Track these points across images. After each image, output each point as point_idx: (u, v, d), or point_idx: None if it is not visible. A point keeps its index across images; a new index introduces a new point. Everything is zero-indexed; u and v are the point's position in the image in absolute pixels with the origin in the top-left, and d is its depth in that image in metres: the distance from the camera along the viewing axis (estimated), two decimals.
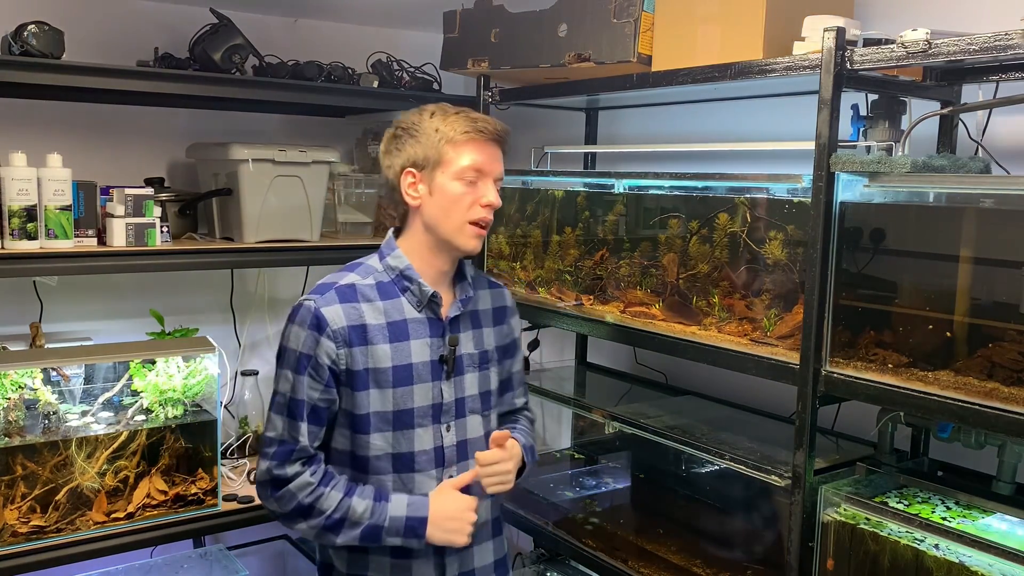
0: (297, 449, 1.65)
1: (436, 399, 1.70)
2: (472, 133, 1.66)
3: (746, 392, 2.40)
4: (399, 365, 1.67)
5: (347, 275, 1.71)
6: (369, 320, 1.66)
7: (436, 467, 1.70)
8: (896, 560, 1.63)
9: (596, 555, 2.29)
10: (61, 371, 2.20)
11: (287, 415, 1.66)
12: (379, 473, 1.68)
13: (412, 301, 1.70)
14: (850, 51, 1.65)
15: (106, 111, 2.64)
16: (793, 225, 1.85)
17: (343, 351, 1.63)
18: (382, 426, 1.66)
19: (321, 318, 1.63)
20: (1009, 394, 1.47)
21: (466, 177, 1.66)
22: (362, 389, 1.65)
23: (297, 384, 1.64)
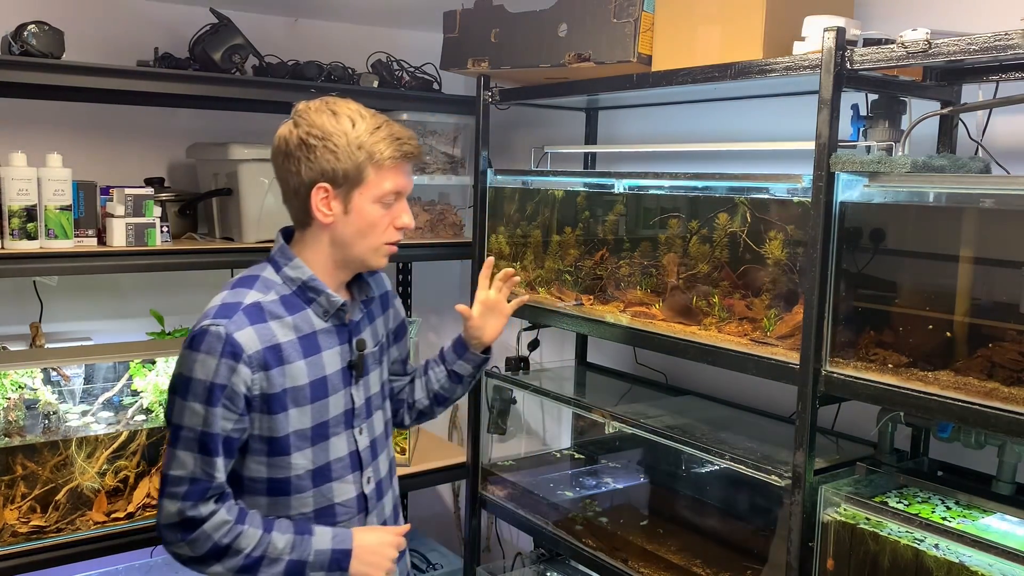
0: (213, 487, 1.53)
1: (348, 405, 1.66)
2: (399, 159, 1.58)
3: (746, 392, 2.40)
4: (315, 380, 1.60)
5: (247, 292, 1.58)
6: (281, 338, 1.56)
7: (353, 471, 1.66)
8: (896, 560, 1.63)
9: (596, 555, 2.29)
10: (61, 371, 2.21)
11: (199, 451, 1.51)
12: (300, 492, 1.61)
13: (318, 311, 1.62)
14: (850, 51, 1.65)
15: (106, 111, 2.64)
16: (793, 225, 1.85)
17: (259, 375, 1.52)
18: (301, 444, 1.59)
19: (235, 344, 1.50)
20: (1009, 394, 1.47)
21: (384, 200, 1.59)
22: (280, 411, 1.56)
23: (209, 417, 1.50)
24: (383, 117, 1.61)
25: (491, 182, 2.68)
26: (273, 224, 2.54)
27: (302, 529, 1.59)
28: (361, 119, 1.58)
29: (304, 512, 1.62)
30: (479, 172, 2.67)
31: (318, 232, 1.60)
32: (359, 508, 1.67)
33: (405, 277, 3.30)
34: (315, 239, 1.61)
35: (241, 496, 1.61)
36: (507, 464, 2.85)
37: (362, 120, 1.57)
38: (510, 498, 2.66)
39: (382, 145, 1.56)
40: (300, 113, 1.59)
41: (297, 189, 1.58)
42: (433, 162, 2.90)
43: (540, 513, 2.53)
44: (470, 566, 2.85)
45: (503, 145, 3.12)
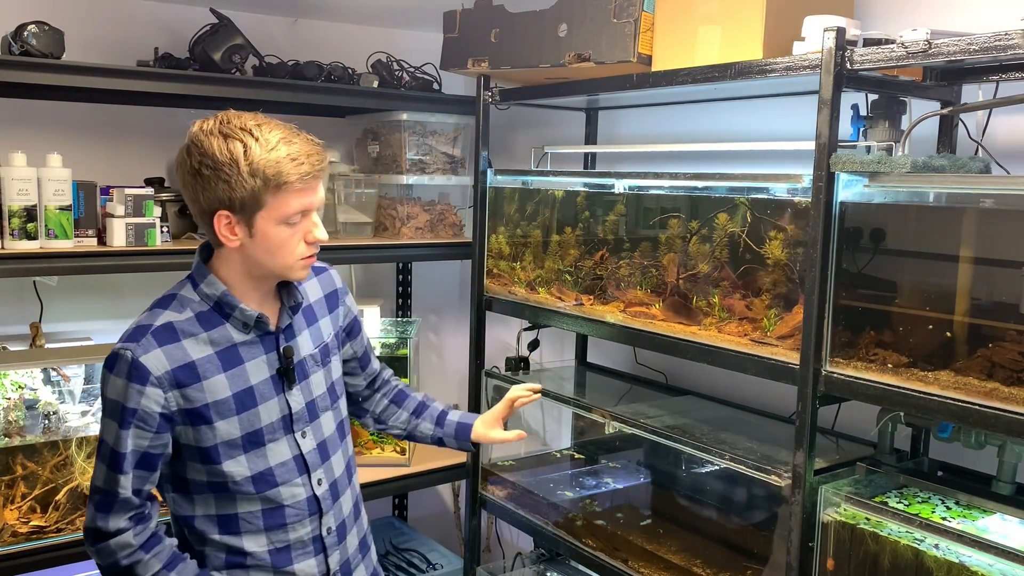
0: (118, 501, 1.53)
1: (284, 411, 1.62)
2: (293, 180, 1.49)
3: (746, 392, 2.40)
4: (239, 391, 1.57)
5: (161, 313, 1.57)
6: (196, 355, 1.54)
7: (300, 475, 1.64)
8: (896, 560, 1.63)
9: (596, 555, 2.29)
10: (61, 371, 2.20)
11: (108, 466, 1.53)
12: (243, 495, 1.59)
13: (237, 325, 1.59)
14: (850, 51, 1.65)
15: (106, 111, 2.64)
16: (793, 225, 1.85)
17: (172, 393, 1.52)
18: (232, 452, 1.57)
19: (141, 368, 1.50)
20: (1009, 394, 1.47)
21: (292, 221, 1.53)
22: (204, 423, 1.55)
23: (120, 436, 1.51)
24: (283, 131, 1.54)
25: (491, 182, 2.68)
26: None
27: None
28: (255, 141, 1.51)
29: (252, 511, 1.61)
30: (479, 172, 2.67)
31: (230, 251, 1.56)
32: (311, 510, 1.65)
33: (405, 277, 3.30)
34: (228, 257, 1.58)
35: (189, 495, 1.62)
36: (507, 464, 2.85)
37: (255, 142, 1.50)
38: (510, 498, 2.66)
39: (277, 168, 1.49)
40: (192, 138, 1.55)
41: (200, 214, 1.55)
42: (433, 162, 2.90)
43: (540, 513, 2.53)
44: (470, 566, 2.85)
45: (503, 145, 3.12)
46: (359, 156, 3.03)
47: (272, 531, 1.62)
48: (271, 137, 1.52)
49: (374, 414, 1.95)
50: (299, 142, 1.53)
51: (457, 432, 1.92)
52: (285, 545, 1.63)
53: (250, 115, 1.56)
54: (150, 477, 1.57)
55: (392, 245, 2.81)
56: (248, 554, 1.62)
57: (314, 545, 1.66)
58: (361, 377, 1.91)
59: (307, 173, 1.50)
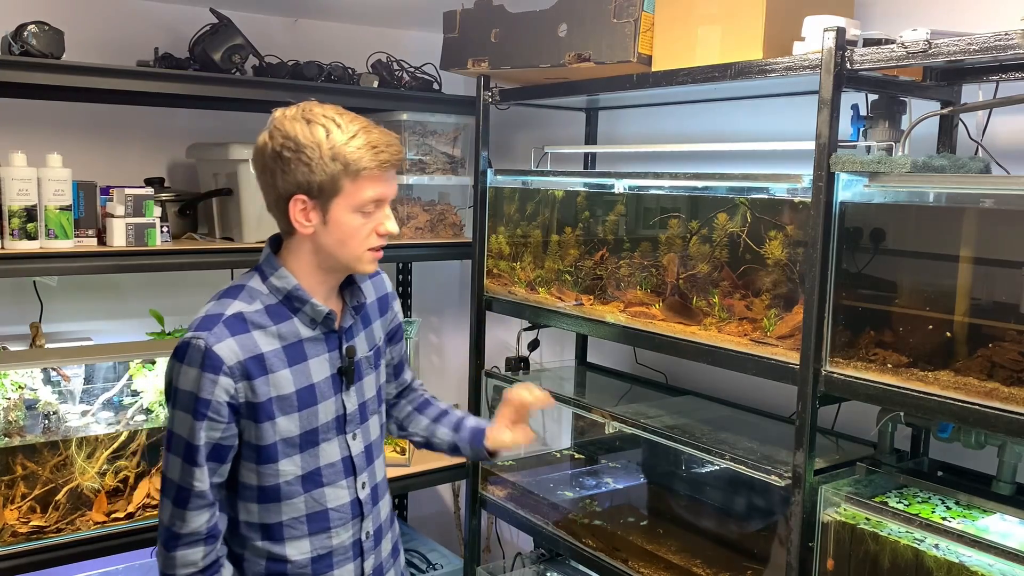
0: (194, 495, 1.53)
1: (339, 411, 1.64)
2: (375, 168, 1.52)
3: (746, 392, 2.40)
4: (302, 388, 1.58)
5: (231, 303, 1.57)
6: (265, 348, 1.55)
7: (347, 477, 1.65)
8: (896, 560, 1.63)
9: (596, 555, 2.29)
10: (61, 371, 2.21)
11: (184, 459, 1.53)
12: (290, 498, 1.60)
13: (305, 320, 1.60)
14: (850, 51, 1.65)
15: (106, 111, 2.64)
16: (793, 225, 1.85)
17: (242, 385, 1.52)
18: (289, 451, 1.58)
19: (214, 357, 1.49)
20: (1009, 394, 1.47)
21: (364, 209, 1.55)
22: (266, 420, 1.55)
23: (195, 428, 1.51)
24: (363, 122, 1.56)
25: (491, 182, 2.68)
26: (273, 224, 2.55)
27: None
28: (336, 127, 1.53)
29: (296, 516, 1.61)
30: (479, 172, 2.67)
31: (301, 241, 1.58)
32: (353, 514, 1.66)
33: (405, 277, 3.30)
34: (299, 247, 1.59)
35: (237, 499, 1.62)
36: (507, 464, 2.85)
37: (337, 129, 1.53)
38: (510, 498, 2.66)
39: (358, 155, 1.51)
40: (275, 122, 1.58)
41: (276, 200, 1.57)
42: (433, 162, 2.90)
43: (540, 513, 2.53)
44: (470, 566, 2.85)
45: (503, 145, 3.12)
46: None
47: (315, 536, 1.62)
48: (352, 126, 1.54)
49: (397, 419, 1.94)
50: (377, 132, 1.55)
51: (472, 436, 1.86)
52: (327, 552, 1.63)
53: (330, 106, 1.58)
54: (219, 469, 1.56)
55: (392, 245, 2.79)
56: (290, 561, 1.61)
57: (353, 550, 1.67)
58: (393, 385, 1.91)
59: (385, 162, 1.53)
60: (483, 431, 1.86)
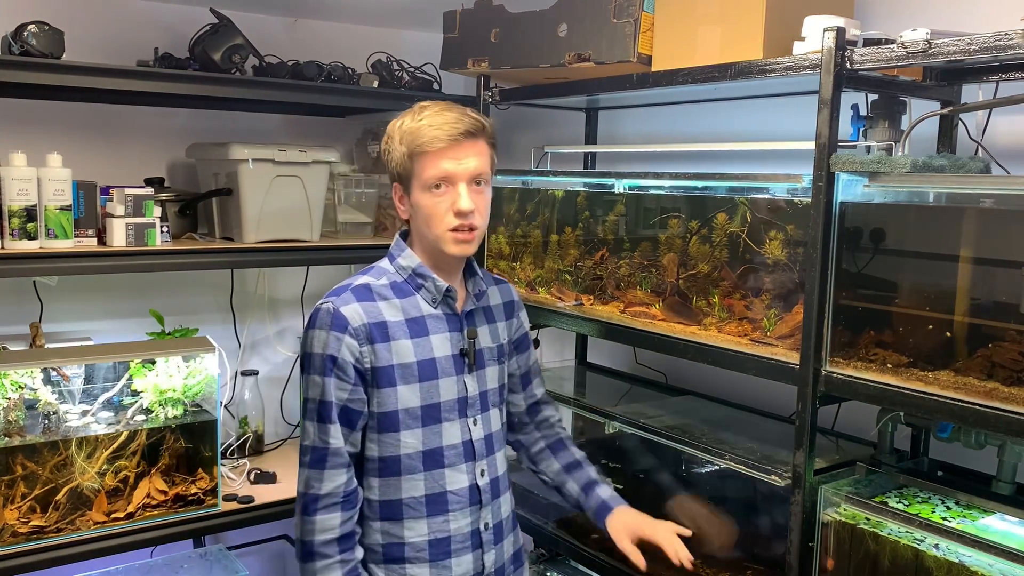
0: (331, 452, 1.60)
1: (461, 393, 1.70)
2: (426, 143, 1.59)
3: (746, 392, 2.40)
4: (423, 360, 1.65)
5: (361, 277, 1.70)
6: (388, 317, 1.64)
7: (466, 461, 1.70)
8: (896, 560, 1.63)
9: (596, 555, 2.29)
10: (61, 371, 2.21)
11: (317, 419, 1.62)
12: (411, 473, 1.65)
13: (427, 298, 1.69)
14: (850, 51, 1.65)
15: (106, 111, 2.64)
16: (793, 225, 1.85)
17: (366, 348, 1.61)
18: (411, 423, 1.64)
19: (341, 317, 1.60)
20: (1009, 394, 1.47)
21: (431, 187, 1.61)
22: (388, 386, 1.63)
23: (325, 386, 1.60)
24: (440, 107, 1.63)
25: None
26: (273, 224, 2.56)
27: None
28: (411, 115, 1.64)
29: (415, 496, 1.65)
30: None
31: (415, 229, 1.71)
32: (472, 499, 1.70)
33: None
34: (414, 233, 1.72)
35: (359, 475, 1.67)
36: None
37: (410, 115, 1.64)
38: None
39: (417, 133, 1.60)
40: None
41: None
42: None
43: (540, 513, 2.53)
44: None
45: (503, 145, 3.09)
46: (359, 156, 3.03)
47: (433, 517, 1.66)
48: (425, 111, 1.63)
49: (529, 452, 1.96)
50: (447, 113, 1.62)
51: (597, 510, 1.86)
52: (445, 536, 1.67)
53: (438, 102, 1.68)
54: (351, 437, 1.63)
55: None
56: (407, 543, 1.65)
57: (472, 539, 1.70)
58: (521, 396, 1.93)
59: (438, 138, 1.59)
60: (609, 509, 1.86)
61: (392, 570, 1.66)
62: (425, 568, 1.66)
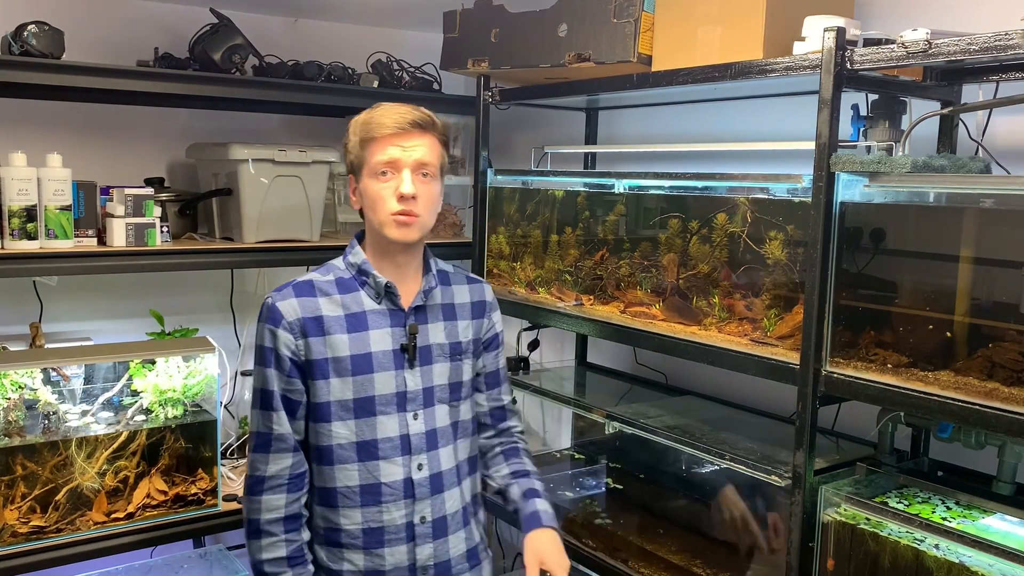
0: (274, 438, 1.69)
1: (400, 387, 1.73)
2: (375, 128, 1.69)
3: (746, 392, 2.40)
4: (358, 354, 1.70)
5: (309, 273, 1.78)
6: (326, 312, 1.70)
7: (402, 455, 1.72)
8: (896, 560, 1.63)
9: (596, 555, 2.29)
10: (61, 371, 2.20)
11: (260, 407, 1.71)
12: (344, 463, 1.70)
13: (370, 293, 1.74)
14: (850, 51, 1.65)
15: (106, 111, 2.64)
16: (793, 225, 1.85)
17: (301, 341, 1.68)
18: (343, 414, 1.69)
19: (276, 312, 1.69)
20: (1009, 394, 1.47)
21: (377, 172, 1.69)
22: (321, 378, 1.69)
23: (266, 376, 1.69)
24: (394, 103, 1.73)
25: (491, 182, 2.68)
26: (273, 224, 2.56)
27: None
28: (369, 109, 1.73)
29: (350, 485, 1.70)
30: (479, 172, 2.67)
31: (367, 224, 1.77)
32: (405, 493, 1.72)
33: None
34: (366, 228, 1.78)
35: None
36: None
37: (369, 110, 1.73)
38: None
39: (370, 122, 1.70)
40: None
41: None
42: None
43: None
44: None
45: (503, 145, 3.12)
46: None
47: (367, 507, 1.70)
48: (380, 106, 1.73)
49: (485, 457, 1.94)
50: (400, 106, 1.72)
51: (528, 518, 1.82)
52: (379, 527, 1.71)
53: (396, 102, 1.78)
54: (295, 424, 1.71)
55: None
56: (343, 530, 1.71)
57: (406, 532, 1.72)
58: (484, 397, 1.92)
59: (386, 124, 1.68)
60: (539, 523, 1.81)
61: (332, 552, 1.73)
62: (360, 555, 1.71)
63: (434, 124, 1.73)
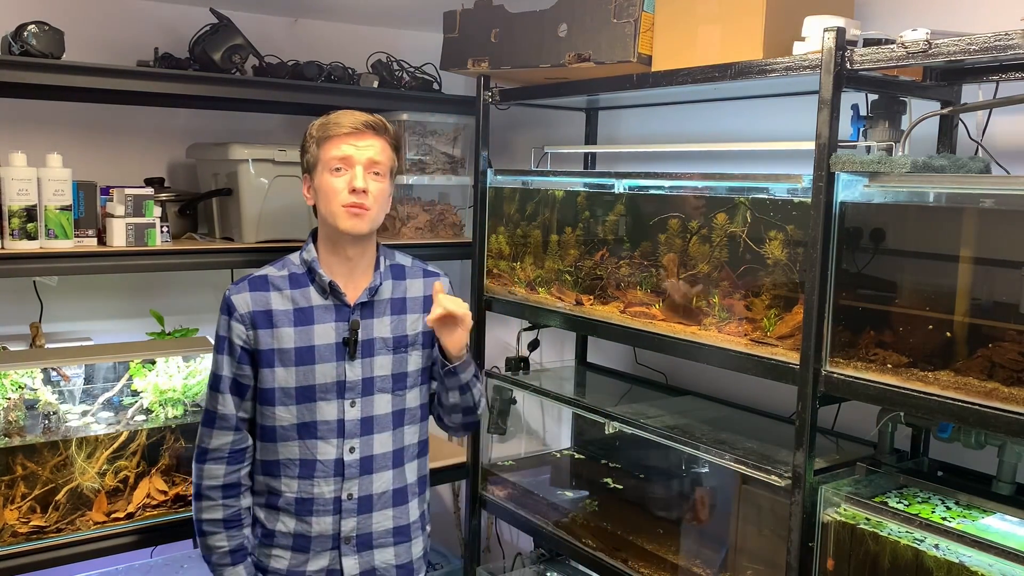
0: (218, 417, 1.87)
1: (340, 377, 1.87)
2: (331, 127, 1.84)
3: (746, 392, 2.40)
4: (302, 347, 1.85)
5: (266, 267, 1.92)
6: (276, 306, 1.86)
7: (337, 437, 1.88)
8: (896, 560, 1.63)
9: (596, 555, 2.29)
10: (61, 371, 2.21)
11: (211, 388, 1.89)
12: (285, 440, 1.87)
13: (318, 289, 1.88)
14: (850, 51, 1.65)
15: (106, 111, 2.64)
16: (793, 225, 1.85)
17: (251, 332, 1.85)
18: (285, 400, 1.86)
19: (231, 304, 1.86)
20: (1009, 394, 1.47)
21: (332, 167, 1.83)
22: (267, 366, 1.85)
23: (219, 362, 1.88)
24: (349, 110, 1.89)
25: (491, 182, 2.68)
26: (273, 224, 2.56)
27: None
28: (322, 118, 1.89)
29: (291, 458, 1.88)
30: (479, 172, 2.67)
31: (320, 222, 1.90)
32: (335, 471, 1.88)
33: None
34: (319, 221, 1.91)
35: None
36: (507, 464, 2.85)
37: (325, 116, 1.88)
38: (510, 498, 2.66)
39: (327, 123, 1.86)
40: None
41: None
42: (433, 162, 2.90)
43: (540, 513, 2.53)
44: (470, 566, 2.85)
45: (503, 145, 3.12)
46: None
47: (303, 480, 1.88)
48: (338, 111, 1.89)
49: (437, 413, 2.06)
50: (355, 112, 1.88)
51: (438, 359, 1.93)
52: (309, 497, 1.88)
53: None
54: (243, 405, 1.89)
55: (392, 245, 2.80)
56: (280, 495, 1.89)
57: (333, 505, 1.89)
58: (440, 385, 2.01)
59: (341, 124, 1.84)
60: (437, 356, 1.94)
61: (270, 513, 1.92)
62: (292, 519, 1.89)
63: (386, 129, 1.89)
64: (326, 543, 1.89)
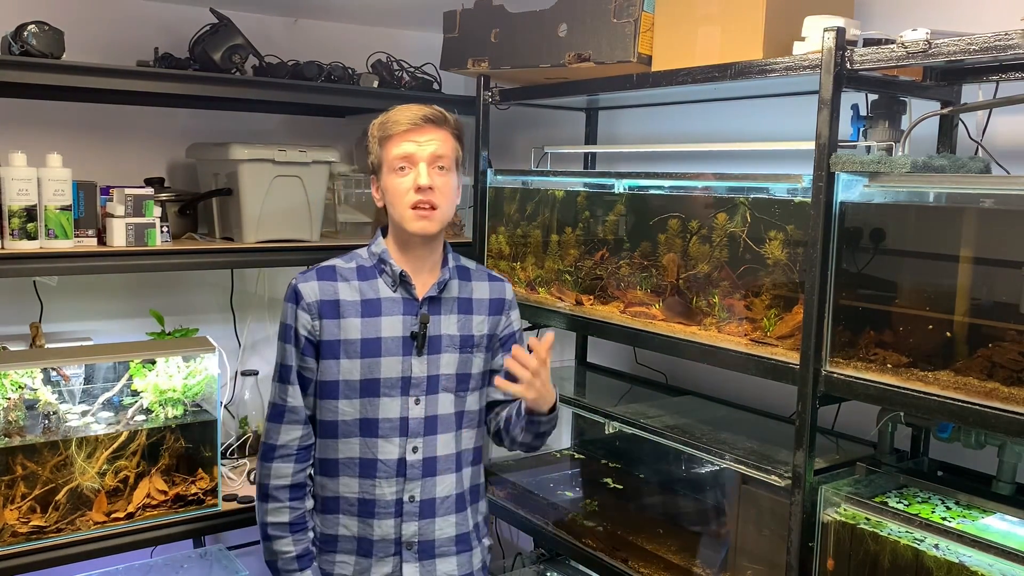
0: (287, 410, 1.82)
1: (406, 372, 1.82)
2: (391, 126, 1.80)
3: (746, 392, 2.40)
4: (368, 338, 1.80)
5: (334, 260, 1.89)
6: (343, 296, 1.82)
7: (400, 436, 1.82)
8: (896, 560, 1.63)
9: (596, 555, 2.29)
10: (61, 371, 2.20)
11: (279, 379, 1.84)
12: (347, 437, 1.82)
13: (387, 281, 1.84)
14: (850, 51, 1.65)
15: (106, 111, 2.64)
16: (793, 225, 1.85)
17: (316, 322, 1.81)
18: (349, 393, 1.81)
19: (298, 292, 1.82)
20: (1009, 394, 1.47)
21: (395, 167, 1.79)
22: (331, 357, 1.80)
23: (286, 351, 1.83)
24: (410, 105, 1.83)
25: (491, 182, 2.68)
26: (273, 224, 2.56)
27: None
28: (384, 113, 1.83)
29: (351, 457, 1.82)
30: (479, 172, 2.67)
31: (390, 220, 1.87)
32: (398, 471, 1.82)
33: None
34: (389, 220, 1.88)
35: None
36: (507, 464, 2.85)
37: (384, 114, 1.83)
38: (510, 498, 2.66)
39: (386, 122, 1.81)
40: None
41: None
42: None
43: (540, 513, 2.53)
44: None
45: (503, 145, 3.12)
46: (359, 156, 3.03)
47: (363, 479, 1.82)
48: (396, 107, 1.84)
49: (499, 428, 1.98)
50: (413, 105, 1.83)
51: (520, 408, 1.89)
52: (371, 499, 1.82)
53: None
54: (306, 400, 1.84)
55: None
56: (341, 498, 1.84)
57: (395, 507, 1.82)
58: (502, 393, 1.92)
59: (400, 121, 1.79)
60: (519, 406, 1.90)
61: (327, 519, 1.86)
62: (354, 521, 1.83)
63: (446, 119, 1.83)
64: (388, 548, 1.82)
